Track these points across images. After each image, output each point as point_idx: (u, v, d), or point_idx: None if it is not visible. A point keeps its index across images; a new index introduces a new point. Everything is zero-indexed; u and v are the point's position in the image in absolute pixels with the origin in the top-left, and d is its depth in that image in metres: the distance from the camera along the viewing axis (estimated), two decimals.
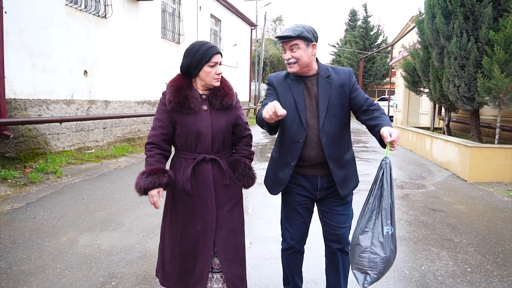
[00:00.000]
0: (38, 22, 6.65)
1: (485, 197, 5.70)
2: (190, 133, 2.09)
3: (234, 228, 2.21)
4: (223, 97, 2.15)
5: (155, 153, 2.10)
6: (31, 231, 3.89)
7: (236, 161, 2.22)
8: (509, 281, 3.07)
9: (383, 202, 1.92)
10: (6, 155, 6.14)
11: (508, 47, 6.62)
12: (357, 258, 1.94)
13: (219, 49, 2.13)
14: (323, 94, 2.12)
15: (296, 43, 2.06)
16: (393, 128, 1.92)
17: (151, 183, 2.00)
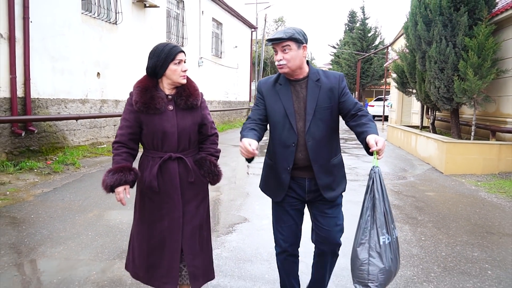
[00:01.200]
0: (58, 29, 7.41)
1: (455, 186, 6.44)
2: (157, 133, 2.13)
3: (200, 223, 2.28)
4: (188, 97, 2.18)
5: (121, 152, 2.15)
6: (62, 209, 4.64)
7: (202, 159, 2.27)
8: (453, 246, 3.80)
9: (377, 212, 1.92)
10: (30, 148, 6.90)
11: (480, 52, 7.37)
12: (357, 272, 1.93)
13: (182, 48, 2.19)
14: (311, 97, 2.14)
15: (287, 44, 2.08)
16: (379, 137, 1.93)
17: (117, 180, 2.04)
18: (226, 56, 17.61)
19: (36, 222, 4.15)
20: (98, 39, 8.64)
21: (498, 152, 7.24)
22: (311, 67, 2.21)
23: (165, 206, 2.18)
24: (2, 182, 5.52)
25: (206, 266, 2.32)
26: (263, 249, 3.60)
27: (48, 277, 2.97)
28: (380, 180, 1.93)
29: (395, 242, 1.95)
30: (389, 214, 1.94)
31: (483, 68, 7.35)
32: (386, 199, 1.94)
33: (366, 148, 1.98)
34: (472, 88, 7.41)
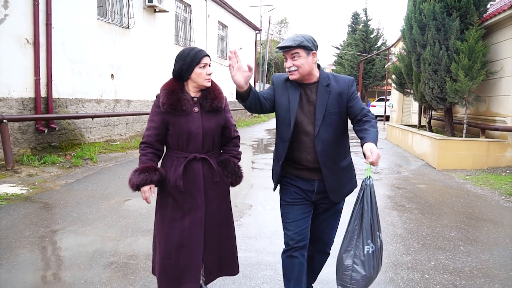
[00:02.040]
0: (76, 34, 7.99)
1: (445, 180, 6.93)
2: (182, 134, 2.20)
3: (219, 222, 2.35)
4: (213, 99, 2.26)
5: (148, 152, 2.25)
6: (87, 196, 5.19)
7: (226, 160, 2.36)
8: (434, 228, 4.31)
9: (364, 222, 2.02)
10: (52, 144, 7.47)
11: (471, 55, 7.86)
12: (341, 275, 2.08)
13: (207, 53, 2.28)
14: (321, 102, 2.18)
15: (296, 51, 2.13)
16: (374, 147, 1.94)
17: (143, 180, 2.15)
18: None
19: (65, 207, 4.70)
20: (112, 42, 9.21)
21: (487, 149, 7.72)
22: (322, 71, 2.26)
23: (187, 206, 2.23)
24: (30, 174, 6.09)
25: (222, 262, 2.39)
26: (266, 229, 4.13)
27: (83, 248, 3.52)
28: (371, 192, 2.03)
29: (379, 248, 2.08)
30: (376, 223, 2.05)
31: (473, 70, 7.83)
32: (375, 209, 2.05)
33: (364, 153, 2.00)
34: (463, 88, 7.89)
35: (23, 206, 4.67)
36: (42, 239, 3.68)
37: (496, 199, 5.62)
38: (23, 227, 3.99)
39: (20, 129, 6.76)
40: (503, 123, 7.84)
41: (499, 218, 4.75)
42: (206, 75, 2.22)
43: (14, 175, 5.93)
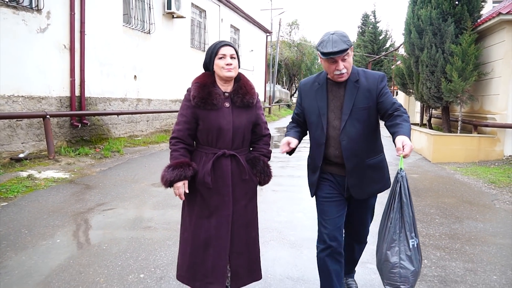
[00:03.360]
0: (104, 40, 8.90)
1: (438, 171, 7.64)
2: (212, 129, 2.15)
3: (247, 222, 2.27)
4: (244, 95, 2.20)
5: (179, 147, 2.19)
6: (120, 180, 6.06)
7: (255, 158, 2.28)
8: (416, 206, 5.05)
9: (405, 215, 1.94)
10: (84, 138, 8.39)
11: (464, 58, 8.55)
12: (388, 274, 1.96)
13: (228, 43, 2.21)
14: (349, 98, 2.16)
15: (347, 52, 2.10)
16: (407, 140, 1.90)
17: (177, 175, 2.09)
18: (242, 59, 18.98)
19: (104, 188, 5.56)
20: (135, 46, 10.11)
21: (478, 143, 8.40)
22: (353, 67, 2.22)
23: (214, 203, 2.18)
24: (68, 163, 6.99)
25: (251, 266, 2.30)
26: (273, 205, 4.93)
27: (125, 216, 4.37)
28: (407, 184, 1.96)
29: (419, 242, 2.02)
30: (414, 217, 1.99)
31: (466, 71, 8.52)
32: (412, 202, 1.99)
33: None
34: (456, 88, 8.58)
35: (69, 187, 5.55)
36: (91, 210, 4.54)
37: (479, 186, 6.33)
38: (73, 201, 4.86)
39: (58, 124, 7.67)
40: (493, 120, 8.51)
41: (476, 200, 5.47)
42: (225, 65, 2.15)
43: (55, 163, 6.83)
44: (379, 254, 2.04)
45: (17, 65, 6.68)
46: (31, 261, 3.16)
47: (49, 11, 7.28)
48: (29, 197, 4.91)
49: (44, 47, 7.24)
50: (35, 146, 7.15)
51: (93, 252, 3.38)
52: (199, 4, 13.88)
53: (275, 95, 29.39)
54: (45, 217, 4.20)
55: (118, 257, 3.28)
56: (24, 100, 6.86)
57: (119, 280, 2.89)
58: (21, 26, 6.72)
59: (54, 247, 3.47)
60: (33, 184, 5.48)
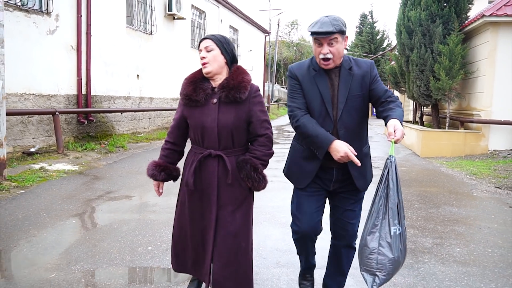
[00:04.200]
0: (109, 40, 9.34)
1: (424, 164, 8.09)
2: (196, 127, 2.06)
3: (236, 231, 2.07)
4: (230, 89, 2.01)
5: (165, 148, 2.21)
6: (126, 172, 6.50)
7: (243, 161, 2.08)
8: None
9: (390, 201, 1.87)
10: (89, 134, 8.83)
11: (451, 57, 8.99)
12: (365, 260, 1.91)
13: (209, 36, 2.09)
14: (344, 86, 2.08)
15: (335, 37, 2.00)
16: (399, 124, 1.86)
17: (150, 175, 2.19)
18: (241, 59, 19.42)
19: (111, 179, 6.00)
20: (137, 47, 10.55)
21: (464, 139, 8.84)
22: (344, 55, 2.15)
23: (202, 205, 2.10)
24: (76, 157, 7.43)
25: (239, 281, 2.09)
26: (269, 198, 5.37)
27: (132, 202, 4.81)
28: (396, 170, 1.89)
29: (404, 232, 1.92)
30: (401, 205, 1.91)
31: (453, 70, 8.96)
32: (399, 190, 1.91)
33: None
34: (444, 86, 9.03)
35: (79, 177, 5.99)
36: (101, 197, 4.99)
37: (461, 178, 6.77)
38: (84, 190, 5.30)
39: (66, 120, 8.11)
40: (478, 116, 8.95)
41: (456, 189, 5.91)
42: (200, 60, 2.07)
43: (64, 157, 7.27)
44: (360, 240, 1.98)
45: (28, 65, 7.12)
46: (51, 237, 3.60)
47: (58, 14, 7.72)
48: (44, 186, 5.35)
49: (53, 48, 7.68)
50: (45, 141, 7.59)
51: (105, 230, 3.82)
52: (199, 6, 14.32)
53: (274, 94, 29.85)
54: (59, 203, 4.64)
55: (128, 234, 3.72)
56: (35, 97, 7.30)
57: (130, 251, 3.33)
58: (32, 28, 7.16)
59: (70, 226, 3.92)
60: (45, 175, 5.92)
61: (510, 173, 6.89)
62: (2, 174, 5.19)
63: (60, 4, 7.76)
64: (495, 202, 5.21)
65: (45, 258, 3.16)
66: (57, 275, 2.85)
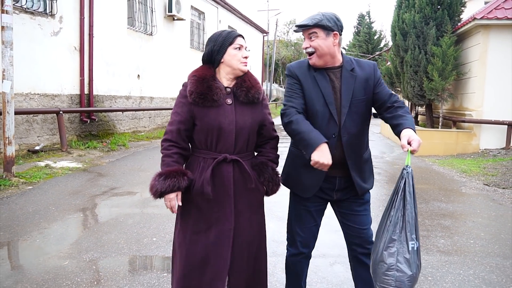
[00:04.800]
0: (110, 41, 9.56)
1: (417, 162, 8.35)
2: (212, 129, 1.88)
3: (252, 238, 1.98)
4: (249, 89, 1.93)
5: (173, 152, 1.91)
6: (128, 169, 6.73)
7: (262, 164, 2.00)
8: (389, 189, 5.74)
9: (407, 215, 1.79)
10: (92, 133, 9.06)
11: (444, 59, 9.25)
12: (382, 277, 1.81)
13: (241, 34, 1.96)
14: (347, 89, 1.98)
15: (314, 31, 1.93)
16: (414, 134, 1.80)
17: (170, 186, 1.83)
18: None
19: (114, 176, 6.24)
20: (138, 47, 10.77)
21: (456, 138, 9.10)
22: (344, 55, 2.06)
23: (213, 216, 1.91)
24: (79, 155, 7.66)
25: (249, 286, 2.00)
26: None
27: (136, 198, 5.05)
28: (412, 182, 1.82)
29: (419, 248, 1.85)
30: (417, 219, 1.83)
31: (445, 71, 9.22)
32: (415, 202, 1.84)
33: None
34: (437, 87, 9.29)
35: (84, 174, 6.22)
36: (105, 193, 5.22)
37: (452, 175, 7.03)
38: (89, 186, 5.53)
39: (69, 119, 8.33)
40: (470, 116, 9.22)
41: (446, 186, 6.18)
42: (242, 58, 1.92)
43: (68, 155, 7.49)
44: (374, 254, 1.88)
45: (33, 65, 7.33)
46: (61, 229, 3.84)
47: (62, 16, 7.94)
48: (50, 182, 5.58)
49: (57, 49, 7.89)
50: (49, 140, 7.81)
51: (111, 223, 4.06)
52: (198, 7, 14.55)
53: (272, 93, 30.07)
54: (67, 198, 4.87)
55: (133, 226, 3.96)
56: (40, 97, 7.52)
57: (136, 241, 3.57)
58: (37, 30, 7.37)
59: (78, 220, 4.16)
60: (51, 172, 6.15)
61: (498, 171, 7.16)
62: (11, 171, 5.42)
63: (64, 6, 7.98)
64: (482, 198, 5.47)
65: (57, 247, 3.39)
66: (69, 263, 3.09)
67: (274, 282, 2.90)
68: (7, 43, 5.19)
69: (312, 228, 2.15)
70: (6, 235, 3.63)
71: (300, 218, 2.15)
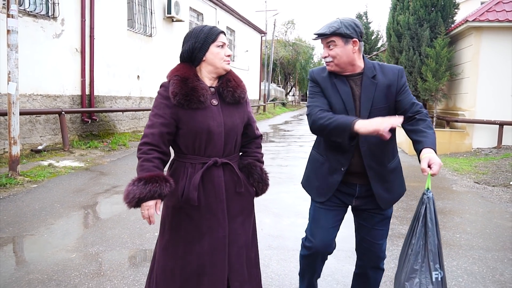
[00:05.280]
0: (111, 43, 9.74)
1: (411, 161, 8.55)
2: (200, 133, 1.78)
3: (246, 242, 1.93)
4: (235, 88, 1.86)
5: (153, 157, 1.75)
6: (129, 168, 6.92)
7: (250, 165, 1.95)
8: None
9: (429, 243, 1.70)
10: (93, 132, 9.24)
11: (437, 60, 9.46)
12: None
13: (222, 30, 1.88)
14: (366, 97, 1.92)
15: (332, 40, 1.89)
16: (435, 157, 1.72)
17: (150, 192, 1.65)
18: (238, 59, 19.86)
19: (116, 175, 6.42)
20: (138, 48, 10.95)
21: (449, 137, 9.31)
22: (366, 61, 1.99)
23: (205, 224, 1.82)
24: (81, 154, 7.84)
25: None
26: None
27: None
28: (434, 207, 1.74)
29: (445, 279, 1.75)
30: (441, 246, 1.75)
31: (439, 72, 9.43)
32: (439, 229, 1.75)
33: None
34: (431, 87, 9.50)
35: (86, 173, 6.41)
36: (108, 191, 5.41)
37: (444, 174, 7.24)
38: (91, 184, 5.72)
39: (70, 120, 8.51)
40: (463, 116, 9.43)
41: (437, 184, 6.38)
42: (225, 56, 1.84)
43: (70, 154, 7.67)
44: (396, 284, 1.82)
45: (36, 67, 7.51)
46: (67, 225, 4.03)
47: (64, 19, 8.11)
48: (54, 181, 5.77)
49: (59, 50, 8.07)
50: (51, 140, 7.99)
51: (115, 219, 4.24)
52: (197, 8, 14.73)
53: (270, 93, 30.29)
54: (71, 195, 5.06)
55: (136, 222, 4.15)
56: (42, 98, 7.70)
57: (139, 236, 3.76)
58: (40, 32, 7.55)
59: (83, 216, 4.35)
60: (54, 171, 6.33)
61: (489, 169, 7.37)
62: (16, 170, 5.60)
63: (66, 9, 8.16)
64: (471, 196, 5.68)
65: (64, 242, 3.58)
66: (76, 256, 3.28)
67: (269, 273, 3.08)
68: (13, 46, 5.37)
69: (330, 230, 2.07)
70: (15, 230, 3.82)
71: (318, 219, 2.09)
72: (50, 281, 2.85)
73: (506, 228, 4.27)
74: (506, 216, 4.72)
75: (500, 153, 8.62)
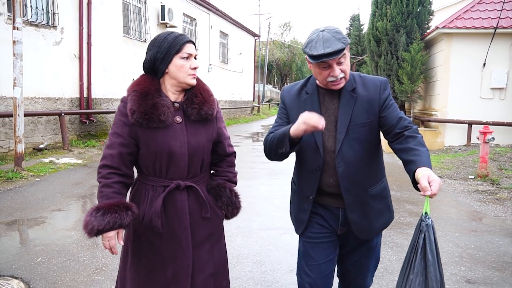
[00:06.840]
0: (107, 48, 10.40)
1: (386, 158, 9.05)
2: (161, 154, 1.62)
3: (215, 270, 1.77)
4: (201, 105, 1.66)
5: (113, 182, 1.60)
6: None
7: (219, 186, 1.77)
8: None
9: (430, 279, 1.43)
10: (90, 133, 9.89)
11: (412, 64, 10.13)
12: None
13: (191, 39, 1.67)
14: (344, 112, 1.71)
15: (344, 53, 1.64)
16: (433, 175, 1.44)
17: (110, 223, 1.51)
18: (231, 62, 20.52)
19: None
20: (133, 53, 11.60)
21: (424, 136, 9.93)
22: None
23: (167, 251, 1.68)
24: (80, 152, 8.49)
25: None
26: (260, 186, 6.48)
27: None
28: (434, 236, 1.47)
29: None
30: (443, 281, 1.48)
31: (414, 75, 10.10)
32: (440, 261, 1.48)
33: (414, 181, 1.52)
34: (406, 89, 10.17)
35: (84, 169, 7.06)
36: None
37: None
38: (89, 178, 6.37)
39: (69, 120, 9.17)
40: (436, 116, 10.10)
41: (404, 178, 7.04)
42: (189, 69, 1.65)
43: (69, 152, 8.32)
44: None
45: (38, 72, 8.16)
46: (67, 211, 4.68)
47: (63, 27, 8.77)
48: (55, 175, 6.42)
49: (59, 57, 8.73)
50: (52, 139, 8.64)
51: None
52: (190, 14, 15.39)
53: (266, 94, 30.96)
54: (70, 188, 5.71)
55: None
56: (43, 100, 8.35)
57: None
58: (41, 40, 8.21)
59: (81, 204, 5.00)
60: (55, 167, 6.99)
61: (454, 164, 8.04)
62: (21, 165, 6.25)
63: (65, 18, 8.81)
64: None
65: (64, 224, 4.24)
66: (75, 233, 3.94)
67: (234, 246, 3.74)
68: (18, 55, 6.02)
69: (322, 266, 1.83)
70: (22, 215, 4.47)
71: (307, 254, 1.86)
72: (53, 251, 3.51)
73: (449, 213, 4.94)
74: (452, 204, 5.40)
75: (468, 150, 9.28)
